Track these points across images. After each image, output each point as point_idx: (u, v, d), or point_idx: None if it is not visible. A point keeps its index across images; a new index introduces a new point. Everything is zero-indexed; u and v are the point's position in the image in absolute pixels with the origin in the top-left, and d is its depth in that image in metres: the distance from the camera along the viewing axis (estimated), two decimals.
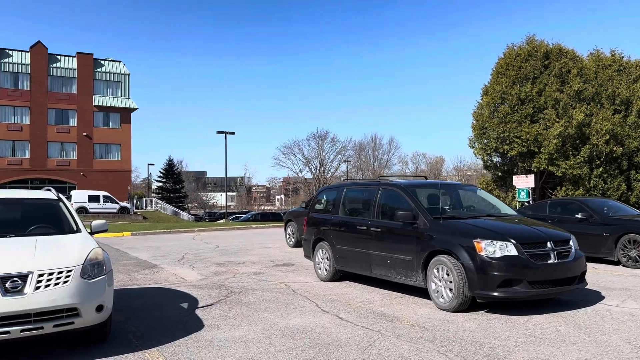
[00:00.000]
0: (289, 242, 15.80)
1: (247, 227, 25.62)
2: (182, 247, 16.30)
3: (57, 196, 6.46)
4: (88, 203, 39.64)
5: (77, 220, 6.11)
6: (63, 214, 6.16)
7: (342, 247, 8.69)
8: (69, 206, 6.33)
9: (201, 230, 23.84)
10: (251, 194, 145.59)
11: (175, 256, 13.96)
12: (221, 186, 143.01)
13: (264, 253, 14.27)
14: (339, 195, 9.13)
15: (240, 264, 12.01)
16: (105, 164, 51.89)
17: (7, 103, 47.78)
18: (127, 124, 53.59)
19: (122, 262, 12.80)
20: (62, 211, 6.20)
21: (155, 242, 18.76)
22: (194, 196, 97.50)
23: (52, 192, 6.59)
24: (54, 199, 6.38)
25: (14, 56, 48.65)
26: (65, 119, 50.66)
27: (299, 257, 13.11)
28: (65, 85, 50.89)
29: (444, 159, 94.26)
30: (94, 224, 6.29)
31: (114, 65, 53.80)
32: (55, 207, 6.22)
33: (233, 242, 17.98)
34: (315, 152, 78.75)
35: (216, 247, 16.33)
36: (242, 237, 20.45)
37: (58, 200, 6.36)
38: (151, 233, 22.45)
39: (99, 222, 6.33)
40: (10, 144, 48.09)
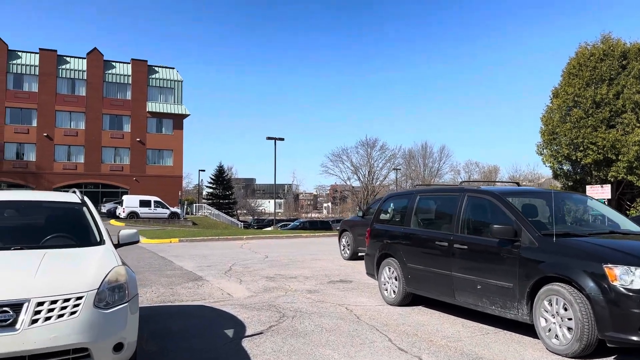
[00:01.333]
0: (344, 255, 14.46)
1: (296, 236, 24.49)
2: (229, 257, 15.28)
3: (82, 199, 5.40)
4: (139, 208, 39.81)
5: (101, 228, 5.02)
6: (86, 221, 5.09)
7: (414, 266, 7.28)
8: (93, 212, 5.26)
9: (249, 238, 22.89)
10: (299, 201, 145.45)
11: (222, 267, 12.90)
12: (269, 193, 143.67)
13: (318, 266, 12.99)
14: (410, 203, 7.72)
15: (292, 279, 10.78)
16: (157, 170, 52.39)
17: (64, 108, 49.08)
18: (180, 130, 53.99)
19: (165, 273, 11.84)
20: (86, 218, 5.13)
21: (202, 250, 17.88)
22: (243, 202, 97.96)
23: (77, 195, 5.55)
24: (77, 202, 5.33)
25: (71, 63, 50.00)
26: (119, 125, 51.57)
27: (357, 273, 11.76)
28: (120, 91, 51.84)
29: (499, 168, 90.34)
30: (122, 234, 5.19)
31: (168, 72, 54.44)
32: (77, 213, 5.17)
33: (283, 252, 16.83)
34: (363, 160, 77.12)
35: (265, 257, 15.21)
36: (292, 246, 19.29)
37: (82, 205, 5.30)
38: (199, 240, 21.67)
39: (128, 232, 5.22)
40: (66, 148, 49.31)
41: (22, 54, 48.16)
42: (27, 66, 47.83)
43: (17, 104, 47.13)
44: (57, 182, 48.28)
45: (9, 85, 46.99)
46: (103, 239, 4.86)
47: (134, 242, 5.25)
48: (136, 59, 52.58)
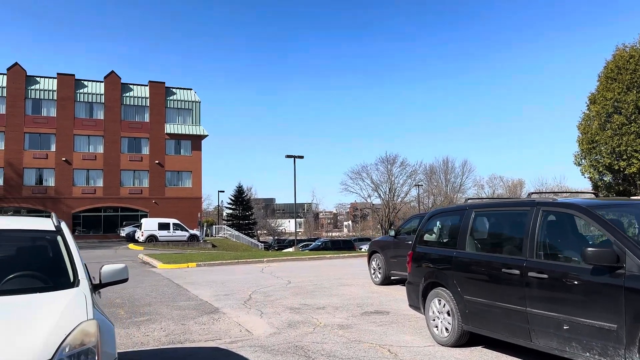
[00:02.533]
0: (375, 279, 13.09)
1: (319, 257, 23.15)
2: (249, 283, 14.03)
3: (57, 226, 4.23)
4: (158, 231, 38.98)
5: (77, 264, 3.83)
6: (59, 255, 3.91)
7: (473, 299, 5.94)
8: (69, 242, 4.07)
9: (270, 261, 21.63)
10: (319, 220, 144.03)
11: (241, 295, 11.65)
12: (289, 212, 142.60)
13: (347, 293, 11.64)
14: (463, 221, 6.40)
15: (319, 310, 9.46)
16: (176, 192, 51.76)
17: (82, 132, 48.93)
18: (198, 151, 53.44)
19: (178, 304, 10.62)
20: (59, 250, 3.96)
21: (221, 274, 16.67)
22: (263, 223, 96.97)
23: (51, 221, 4.39)
24: (50, 230, 4.16)
25: (88, 86, 50.02)
26: (137, 147, 51.21)
27: (393, 301, 10.40)
28: (138, 113, 51.63)
29: (524, 182, 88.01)
30: (106, 271, 4.00)
31: (185, 93, 54.17)
32: (50, 244, 4.01)
33: (306, 276, 15.51)
34: (384, 176, 75.73)
35: (288, 282, 13.91)
36: (316, 269, 17.96)
37: (56, 233, 4.13)
38: (217, 264, 20.48)
39: (113, 269, 4.03)
40: (84, 172, 49.01)
41: (40, 79, 48.34)
42: (45, 91, 47.95)
43: (36, 129, 47.14)
44: (76, 206, 47.92)
45: (28, 111, 47.08)
46: (78, 278, 3.67)
47: (121, 280, 4.04)
48: (154, 81, 52.43)
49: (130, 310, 10.04)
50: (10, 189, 45.81)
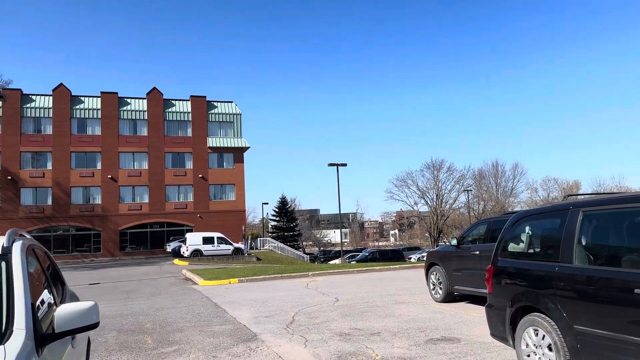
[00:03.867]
0: (435, 296, 11.45)
1: (368, 270, 21.59)
2: (293, 301, 12.68)
3: (4, 247, 2.97)
4: (202, 245, 38.41)
5: (15, 305, 2.53)
6: None
7: (588, 330, 4.34)
8: (16, 271, 2.79)
9: (316, 275, 20.25)
10: (364, 229, 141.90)
11: (283, 317, 10.31)
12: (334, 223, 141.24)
13: (404, 313, 10.09)
14: (567, 224, 4.81)
15: (374, 337, 7.97)
16: (220, 205, 51.38)
17: (127, 149, 49.38)
18: (240, 164, 53.00)
19: (212, 329, 9.38)
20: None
21: (263, 291, 15.42)
22: (308, 234, 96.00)
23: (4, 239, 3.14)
24: None
25: (132, 104, 50.54)
26: (181, 162, 51.25)
27: (461, 323, 8.78)
28: (181, 128, 51.74)
29: (580, 184, 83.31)
30: (63, 313, 2.66)
31: (226, 106, 53.98)
32: None
33: (356, 292, 14.02)
34: (430, 183, 73.20)
35: (335, 300, 12.47)
36: (366, 284, 16.43)
37: (1, 257, 2.87)
38: (260, 279, 19.30)
39: (74, 310, 2.69)
40: (130, 189, 49.36)
41: (84, 99, 49.21)
42: (89, 110, 48.75)
43: (82, 148, 47.90)
44: (122, 223, 48.24)
45: (74, 130, 47.94)
46: (10, 328, 2.38)
47: (88, 327, 2.72)
48: (195, 96, 52.51)
49: (158, 337, 8.87)
50: (59, 208, 46.59)
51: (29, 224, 45.55)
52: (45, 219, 46.17)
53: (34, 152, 46.74)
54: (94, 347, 8.32)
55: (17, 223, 44.94)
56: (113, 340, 8.81)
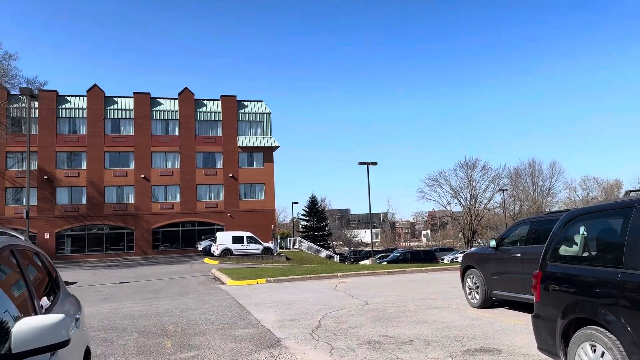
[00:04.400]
0: (472, 301, 10.73)
1: (399, 271, 20.88)
2: (320, 304, 12.16)
3: None
4: (232, 244, 38.34)
5: None
6: None
7: None
8: None
9: (345, 276, 19.69)
10: (395, 230, 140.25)
11: (309, 321, 9.80)
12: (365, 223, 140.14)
13: (438, 319, 9.43)
14: (630, 224, 4.13)
15: (405, 345, 7.37)
16: (250, 204, 51.38)
17: (159, 149, 49.87)
18: (270, 163, 52.88)
19: (235, 333, 8.95)
20: None
21: (290, 293, 14.97)
22: (338, 234, 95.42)
23: None
24: None
25: (164, 104, 51.02)
26: (212, 162, 51.47)
27: (501, 332, 8.08)
28: (211, 128, 51.96)
29: (621, 183, 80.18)
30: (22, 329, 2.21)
31: (256, 106, 53.96)
32: None
33: (386, 295, 13.40)
34: (464, 182, 71.42)
35: (364, 304, 11.89)
36: (397, 286, 15.77)
37: None
38: (288, 280, 18.87)
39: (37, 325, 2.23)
40: (162, 188, 49.84)
41: (117, 99, 49.96)
42: (122, 110, 49.46)
43: (115, 148, 48.64)
44: (155, 222, 48.76)
45: (107, 131, 48.71)
46: None
47: (55, 345, 2.26)
48: (225, 95, 52.65)
49: (179, 341, 8.49)
50: (93, 207, 47.42)
51: (65, 223, 46.52)
52: (80, 218, 47.06)
53: (69, 152, 47.70)
54: (112, 350, 8.00)
55: (53, 221, 45.97)
56: (132, 343, 8.48)
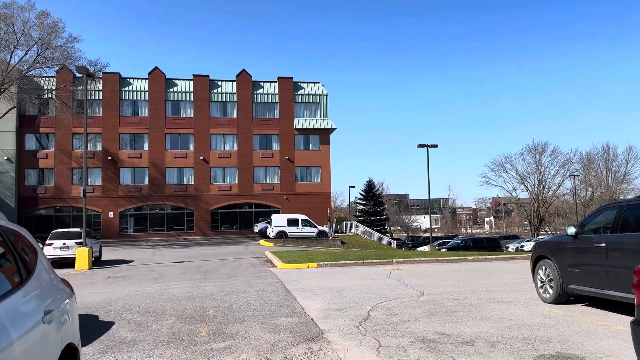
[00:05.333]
0: (544, 295, 9.43)
1: (460, 259, 19.52)
2: (371, 292, 11.24)
3: None
4: (287, 227, 38.07)
5: None
6: None
7: None
8: None
9: (400, 262, 18.62)
10: (456, 216, 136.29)
11: (357, 311, 8.92)
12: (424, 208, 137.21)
13: (504, 316, 8.26)
14: None
15: (466, 347, 6.31)
16: (305, 187, 50.98)
17: (217, 132, 50.30)
18: (326, 145, 52.11)
19: (275, 322, 8.21)
20: None
21: (340, 279, 14.14)
22: (396, 219, 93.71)
23: None
24: None
25: (222, 86, 51.26)
26: (268, 144, 51.39)
27: (581, 333, 6.84)
28: (268, 110, 51.78)
29: None
30: None
31: (313, 87, 53.18)
32: None
33: (445, 285, 12.27)
34: (531, 167, 67.80)
35: (420, 294, 10.84)
36: (457, 276, 14.55)
37: None
38: (340, 265, 18.07)
39: None
40: (221, 170, 50.34)
41: (178, 82, 50.68)
42: (182, 93, 50.15)
43: (176, 130, 49.49)
44: (214, 204, 49.42)
45: (168, 113, 49.60)
46: None
47: None
48: (282, 77, 52.20)
49: (215, 328, 7.86)
50: (155, 188, 48.63)
51: (128, 203, 48.06)
52: (143, 198, 48.44)
53: (132, 133, 49.04)
54: (143, 336, 7.47)
55: (117, 201, 47.61)
56: (167, 329, 7.94)
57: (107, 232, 46.61)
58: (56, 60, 35.48)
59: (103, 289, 13.99)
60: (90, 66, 35.62)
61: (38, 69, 36.21)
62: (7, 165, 45.27)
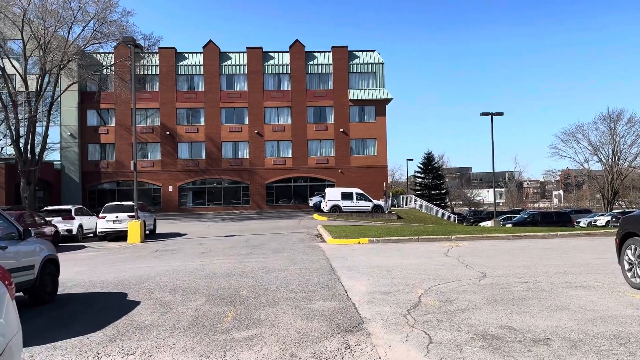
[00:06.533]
0: (633, 280, 7.87)
1: (528, 235, 17.74)
2: (424, 273, 10.03)
3: None
4: (341, 201, 37.15)
5: None
6: None
7: None
8: None
9: (460, 239, 17.15)
10: (522, 190, 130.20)
11: (407, 296, 7.77)
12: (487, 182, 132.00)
13: (585, 304, 6.84)
14: None
15: (538, 347, 5.03)
16: (361, 160, 49.64)
17: (271, 104, 49.66)
18: (382, 117, 50.31)
19: (311, 307, 7.23)
20: None
21: (392, 256, 12.99)
22: (457, 193, 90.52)
23: None
24: None
25: (275, 58, 50.33)
26: (322, 117, 50.25)
27: None
28: (322, 81, 50.48)
29: None
30: None
31: (368, 56, 51.21)
32: None
33: (511, 266, 10.82)
34: (605, 137, 62.67)
35: (481, 276, 9.51)
36: (525, 254, 12.99)
37: None
38: (393, 241, 16.87)
39: None
40: (275, 144, 49.87)
41: (232, 55, 50.23)
42: (236, 66, 49.70)
43: (231, 104, 49.27)
44: (268, 177, 49.20)
45: (223, 87, 49.39)
46: None
47: None
48: (336, 46, 50.52)
49: (243, 312, 6.99)
50: (212, 162, 48.94)
51: (186, 177, 48.72)
52: (200, 172, 48.93)
53: (189, 108, 49.34)
54: (163, 320, 6.70)
55: (175, 175, 48.37)
56: (191, 312, 7.16)
57: (167, 206, 47.58)
58: (112, 36, 35.74)
59: (146, 263, 13.61)
60: (145, 40, 35.66)
61: (95, 44, 36.66)
62: (70, 140, 46.90)
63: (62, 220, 21.85)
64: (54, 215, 22.07)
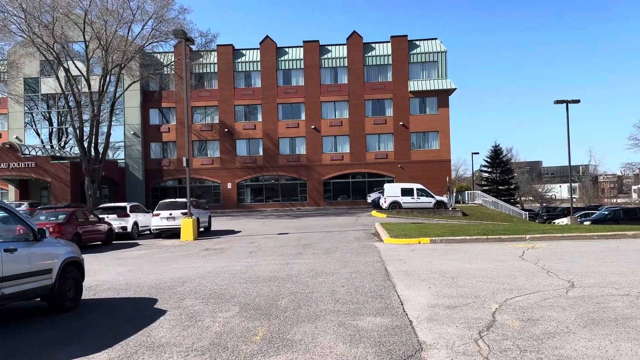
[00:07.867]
0: None
1: (616, 235, 15.46)
2: (497, 281, 8.49)
3: None
4: (401, 197, 35.46)
5: None
6: None
7: None
8: None
9: (536, 239, 15.23)
10: (597, 184, 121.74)
11: (477, 312, 6.33)
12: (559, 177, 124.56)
13: None
14: None
15: None
16: (422, 154, 47.48)
17: (328, 99, 48.48)
18: (445, 108, 47.88)
19: (358, 324, 5.99)
20: None
21: (457, 259, 11.44)
22: (528, 188, 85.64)
23: None
24: None
25: (332, 51, 49.09)
26: (381, 110, 48.51)
27: None
28: (381, 73, 48.71)
29: None
30: None
31: (430, 44, 48.88)
32: None
33: (602, 272, 9.02)
34: None
35: (569, 286, 7.86)
36: (617, 258, 11.03)
37: None
38: (458, 241, 15.23)
39: None
40: (332, 139, 48.67)
41: (288, 50, 49.46)
42: (293, 61, 48.90)
43: (287, 100, 48.55)
44: (326, 173, 48.16)
45: (279, 82, 48.74)
46: None
47: None
48: (395, 36, 48.53)
49: (276, 329, 5.85)
50: (269, 158, 48.52)
51: (244, 174, 48.60)
52: (257, 169, 48.64)
53: (246, 105, 49.15)
54: (183, 337, 5.68)
55: (234, 172, 48.38)
56: (218, 326, 6.12)
57: (226, 203, 47.69)
58: (170, 34, 35.92)
59: (190, 263, 12.86)
60: (201, 37, 35.67)
61: (154, 43, 37.05)
62: (134, 139, 47.98)
63: (117, 218, 21.82)
64: (110, 213, 22.08)
